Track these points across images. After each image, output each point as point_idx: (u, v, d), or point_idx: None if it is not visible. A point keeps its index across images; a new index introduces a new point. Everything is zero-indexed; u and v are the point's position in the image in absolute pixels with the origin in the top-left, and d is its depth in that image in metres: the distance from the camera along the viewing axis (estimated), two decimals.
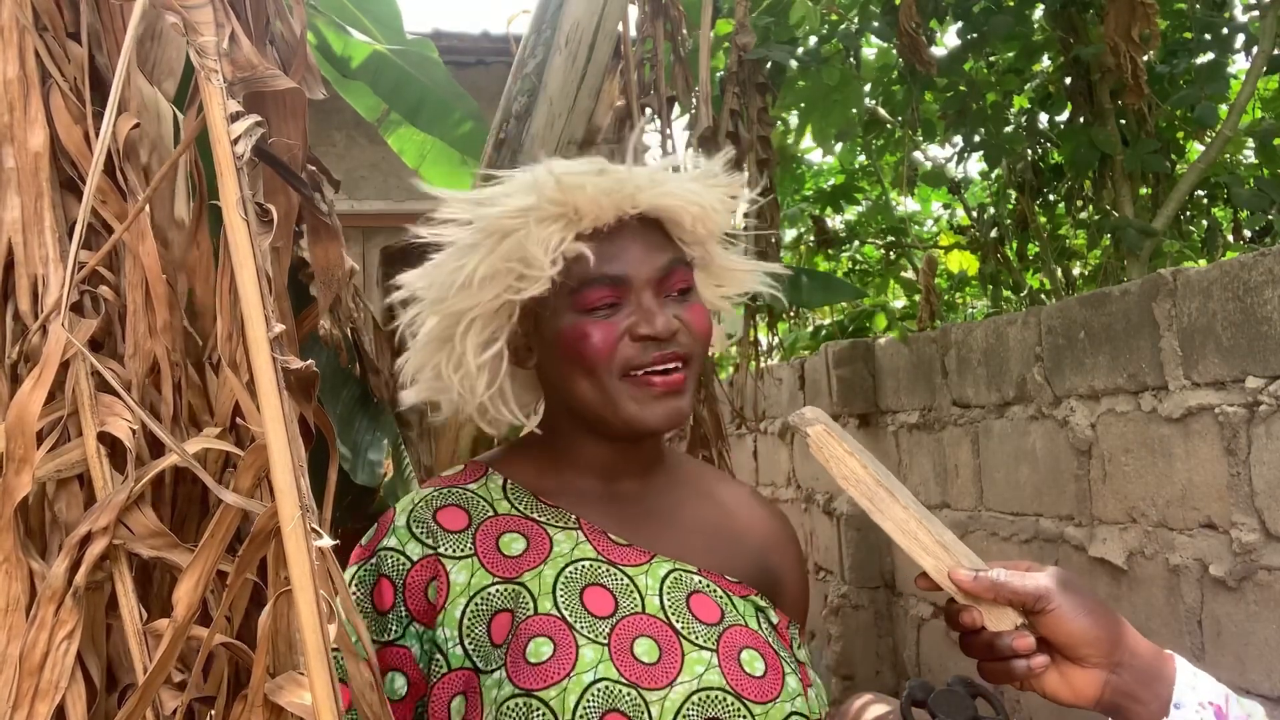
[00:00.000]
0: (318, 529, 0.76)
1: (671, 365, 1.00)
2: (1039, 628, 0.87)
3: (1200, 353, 2.60)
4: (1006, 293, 5.74)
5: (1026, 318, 3.42)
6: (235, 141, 0.80)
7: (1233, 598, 2.54)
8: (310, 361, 0.82)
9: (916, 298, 5.72)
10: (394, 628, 0.99)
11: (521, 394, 1.10)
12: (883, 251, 6.44)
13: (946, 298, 6.46)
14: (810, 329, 6.20)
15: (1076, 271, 5.88)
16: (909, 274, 6.27)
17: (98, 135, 0.98)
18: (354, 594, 1.01)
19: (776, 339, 5.63)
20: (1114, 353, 2.95)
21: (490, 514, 1.04)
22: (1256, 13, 4.19)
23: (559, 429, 1.08)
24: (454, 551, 1.01)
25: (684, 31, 3.11)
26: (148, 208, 0.98)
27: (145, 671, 0.83)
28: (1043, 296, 5.63)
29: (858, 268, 6.73)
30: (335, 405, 1.87)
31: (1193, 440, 2.65)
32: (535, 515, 1.05)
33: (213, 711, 0.92)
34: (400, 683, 0.99)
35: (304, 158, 1.03)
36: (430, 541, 1.01)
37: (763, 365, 4.92)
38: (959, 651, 0.92)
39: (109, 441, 0.92)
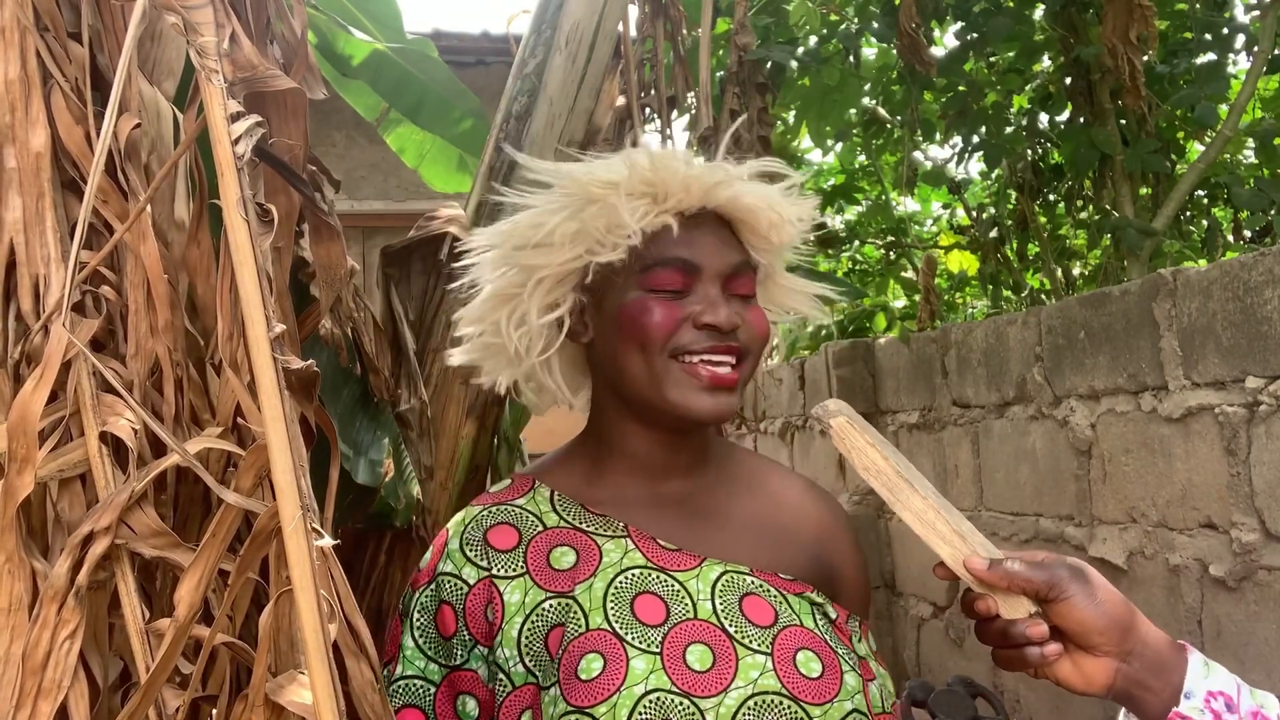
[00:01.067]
0: (318, 528, 0.77)
1: (725, 358, 1.00)
2: (1052, 616, 0.89)
3: (1200, 353, 2.60)
4: (1006, 293, 5.75)
5: (1026, 318, 3.42)
6: (236, 142, 0.81)
7: (1233, 598, 2.54)
8: (311, 362, 0.82)
9: (917, 298, 5.72)
10: (459, 653, 1.00)
11: (568, 373, 1.11)
12: (883, 252, 6.45)
13: (947, 298, 6.46)
14: (810, 329, 6.20)
15: (1076, 271, 5.89)
16: (909, 274, 6.27)
17: (99, 135, 0.98)
18: (419, 620, 1.03)
19: (776, 339, 5.62)
20: (1114, 353, 2.95)
21: (540, 529, 1.05)
22: (1257, 13, 4.19)
23: (605, 424, 1.08)
24: (506, 571, 1.02)
25: (684, 31, 3.11)
26: (149, 208, 0.99)
27: (148, 670, 0.83)
28: (1043, 296, 5.63)
29: (858, 268, 6.73)
30: (336, 405, 1.88)
31: (1193, 440, 2.65)
32: (583, 526, 1.05)
33: (215, 710, 0.92)
34: (471, 705, 1.00)
35: (305, 158, 1.03)
36: (484, 563, 1.02)
37: (763, 365, 4.92)
38: (959, 651, 0.93)
39: (111, 441, 0.92)
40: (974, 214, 5.69)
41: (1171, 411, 2.72)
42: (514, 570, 1.02)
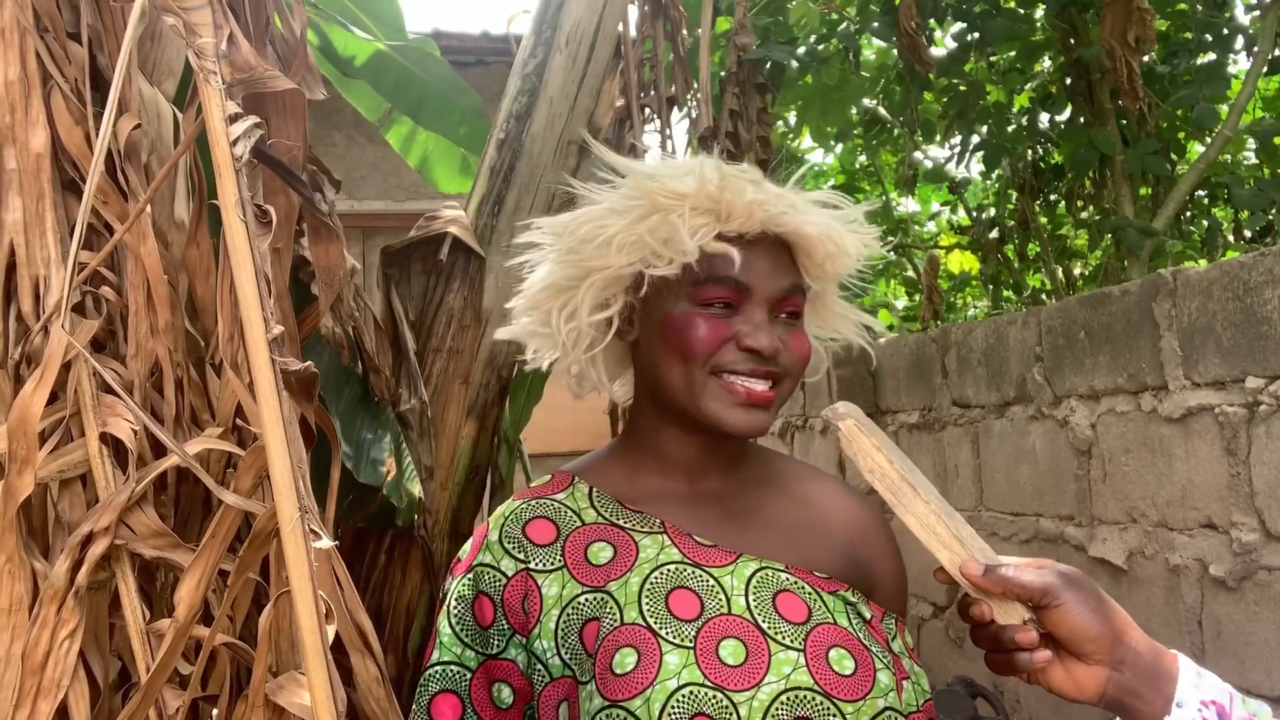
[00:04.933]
0: (317, 529, 0.77)
1: (763, 381, 1.02)
2: (1045, 622, 0.89)
3: (1200, 353, 2.60)
4: (1007, 293, 5.75)
5: (1026, 318, 3.42)
6: (234, 143, 0.81)
7: (1233, 598, 2.54)
8: (309, 363, 0.82)
9: (918, 297, 5.72)
10: (496, 641, 1.02)
11: (611, 366, 1.13)
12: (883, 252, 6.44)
13: (948, 299, 6.46)
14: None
15: (1077, 271, 5.89)
16: (909, 274, 6.27)
17: (98, 136, 0.98)
18: (455, 608, 1.04)
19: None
20: (1114, 353, 2.95)
21: (577, 524, 1.07)
22: (1257, 13, 4.19)
23: (644, 425, 1.10)
24: (544, 565, 1.03)
25: (684, 32, 3.11)
26: (148, 208, 0.99)
27: (148, 671, 0.84)
28: (1043, 296, 5.63)
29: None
30: (337, 404, 1.88)
31: (1193, 440, 2.65)
32: (621, 522, 1.07)
33: (215, 710, 0.92)
34: (506, 693, 1.01)
35: (304, 158, 1.03)
36: (522, 556, 1.04)
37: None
38: (959, 651, 0.94)
39: (111, 442, 0.92)
40: (974, 214, 5.69)
41: (1171, 411, 2.72)
42: (552, 564, 1.03)
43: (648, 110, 2.89)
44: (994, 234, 5.38)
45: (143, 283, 0.99)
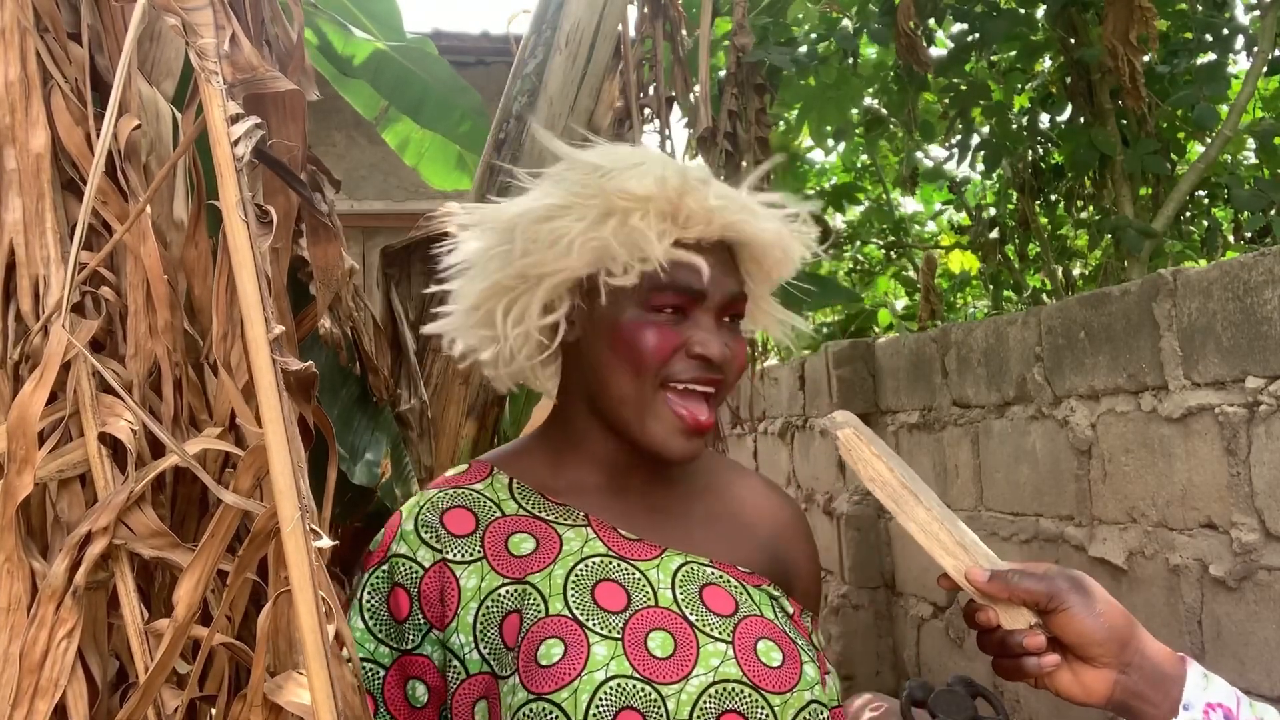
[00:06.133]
0: (317, 529, 0.77)
1: (707, 389, 1.00)
2: (1051, 627, 0.89)
3: (1200, 353, 2.60)
4: (1007, 293, 5.75)
5: (1026, 318, 3.42)
6: (235, 143, 0.81)
7: (1233, 598, 2.54)
8: (309, 363, 0.82)
9: (917, 297, 5.73)
10: (412, 636, 0.99)
11: (546, 364, 1.10)
12: (883, 251, 6.45)
13: (948, 299, 6.47)
14: (810, 329, 6.20)
15: (1077, 272, 5.89)
16: (909, 274, 6.28)
17: (98, 136, 0.98)
18: (369, 601, 1.01)
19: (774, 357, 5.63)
20: (1114, 353, 2.95)
21: (497, 515, 1.03)
22: (1257, 13, 4.19)
23: (570, 420, 1.07)
24: (462, 556, 1.00)
25: (683, 32, 3.11)
26: (148, 208, 0.99)
27: (146, 670, 0.84)
28: (1043, 296, 5.64)
29: (858, 268, 6.74)
30: (334, 404, 1.88)
31: (1193, 440, 2.65)
32: (543, 514, 1.04)
33: (213, 710, 0.92)
34: (421, 690, 0.98)
35: (304, 158, 1.03)
36: (439, 546, 1.00)
37: (762, 365, 4.92)
38: (959, 651, 0.94)
39: (110, 442, 0.92)
40: (974, 214, 5.69)
41: (1171, 411, 2.72)
42: (470, 555, 1.00)
43: (647, 110, 2.89)
44: (994, 234, 5.39)
45: (142, 283, 1.00)
